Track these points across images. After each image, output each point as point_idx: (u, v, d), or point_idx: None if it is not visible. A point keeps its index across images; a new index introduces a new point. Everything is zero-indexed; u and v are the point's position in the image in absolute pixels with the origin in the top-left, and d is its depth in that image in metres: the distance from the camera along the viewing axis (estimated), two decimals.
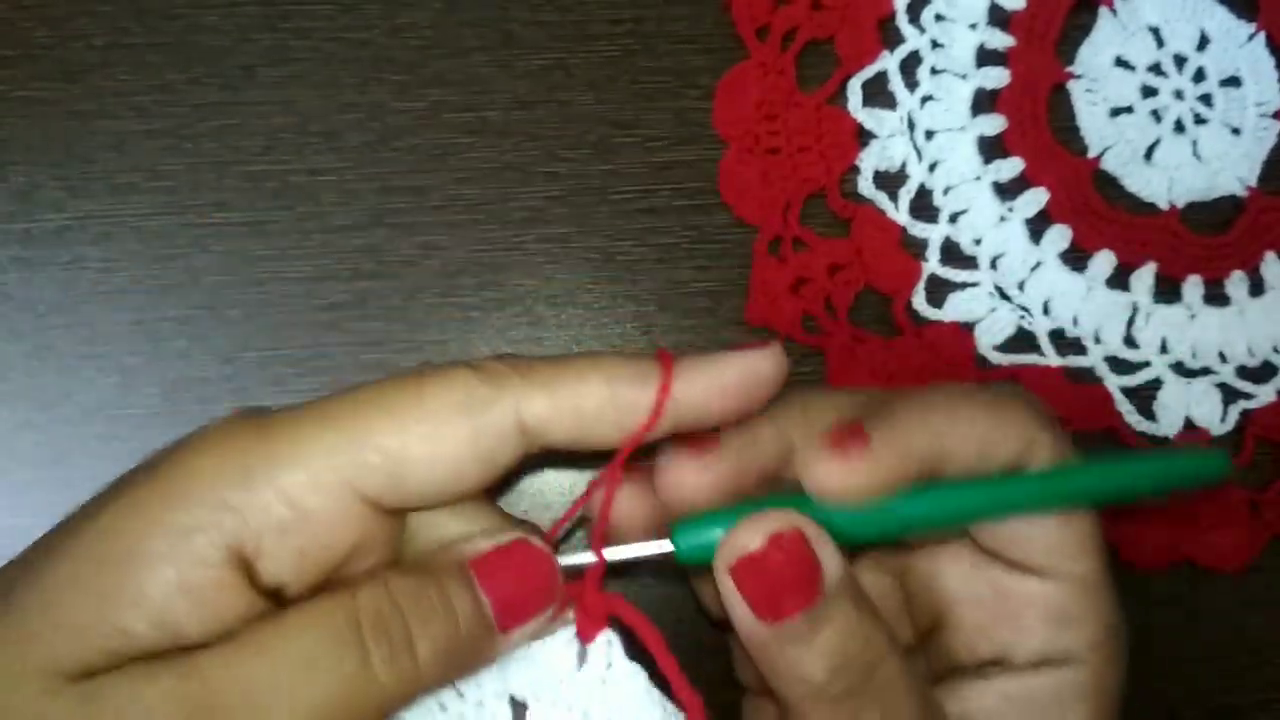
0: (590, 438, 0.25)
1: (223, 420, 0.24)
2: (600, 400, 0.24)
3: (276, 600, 0.23)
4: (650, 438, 0.26)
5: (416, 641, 0.22)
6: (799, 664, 0.25)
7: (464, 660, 0.24)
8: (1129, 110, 0.38)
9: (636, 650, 0.26)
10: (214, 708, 0.21)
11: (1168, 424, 0.37)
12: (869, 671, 0.25)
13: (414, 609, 0.22)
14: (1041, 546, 0.28)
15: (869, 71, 0.38)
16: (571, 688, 0.25)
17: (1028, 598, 0.28)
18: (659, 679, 0.26)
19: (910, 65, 0.38)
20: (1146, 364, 0.38)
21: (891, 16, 0.38)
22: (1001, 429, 0.27)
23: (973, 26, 0.38)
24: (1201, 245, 0.38)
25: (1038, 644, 0.28)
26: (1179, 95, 0.39)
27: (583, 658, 0.26)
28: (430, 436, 0.23)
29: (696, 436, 0.26)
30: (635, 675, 0.25)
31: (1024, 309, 0.38)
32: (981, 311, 0.37)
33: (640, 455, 0.26)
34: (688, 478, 0.26)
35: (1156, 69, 0.39)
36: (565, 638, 0.26)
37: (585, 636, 0.26)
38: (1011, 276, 0.38)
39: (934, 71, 0.38)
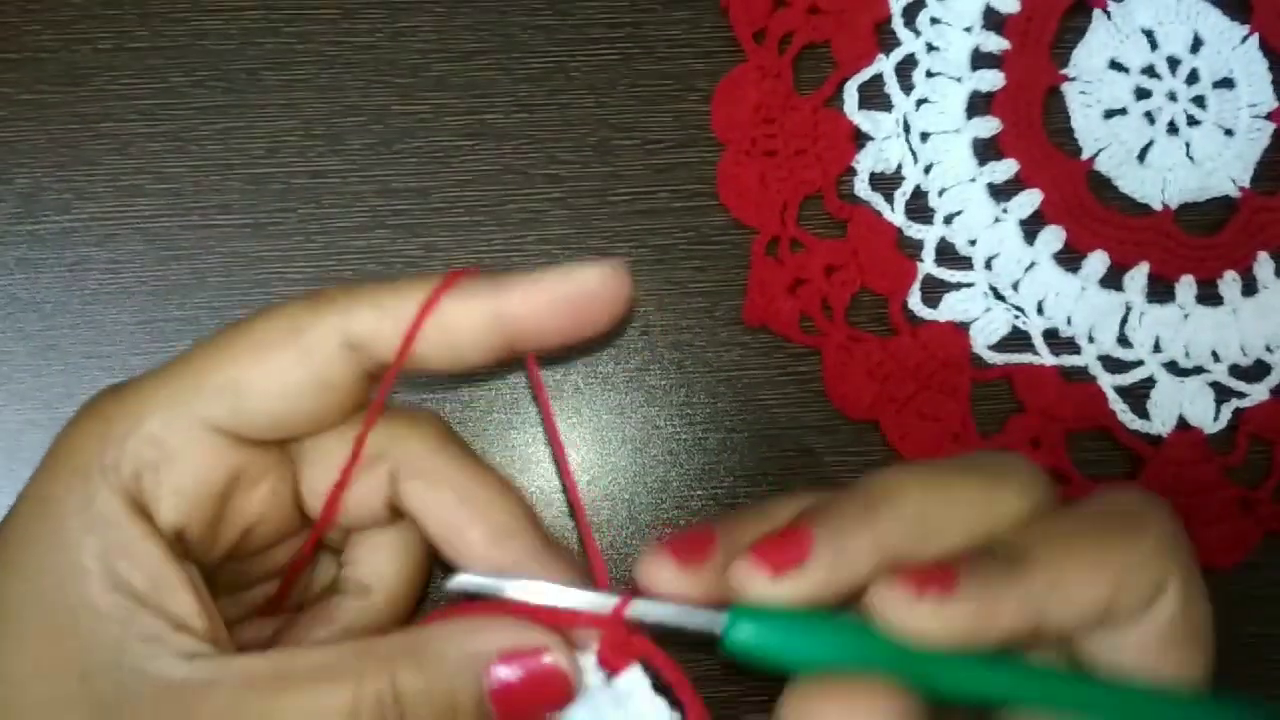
0: (418, 355, 0.25)
1: (87, 401, 0.25)
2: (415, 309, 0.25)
3: (184, 548, 0.24)
4: (470, 357, 0.25)
5: None
6: None
7: None
8: (1123, 112, 0.39)
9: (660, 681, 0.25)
10: None
11: (1161, 423, 0.38)
12: None
13: (414, 709, 0.23)
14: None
15: (865, 74, 0.38)
16: (593, 704, 0.25)
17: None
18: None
19: (906, 68, 0.39)
20: (1140, 363, 0.38)
21: (887, 20, 0.38)
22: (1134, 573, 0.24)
23: (967, 30, 0.39)
24: (1195, 245, 0.38)
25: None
26: (1172, 97, 0.39)
27: (608, 680, 0.25)
28: (260, 362, 0.24)
29: (780, 545, 0.23)
30: (657, 705, 0.25)
31: (1018, 309, 0.38)
32: (976, 311, 0.38)
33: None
34: (758, 590, 0.22)
35: (1150, 71, 0.39)
36: (590, 663, 0.25)
37: (612, 668, 0.25)
38: (1006, 277, 0.38)
39: (929, 74, 0.38)
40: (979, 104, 0.39)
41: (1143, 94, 0.39)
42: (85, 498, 0.23)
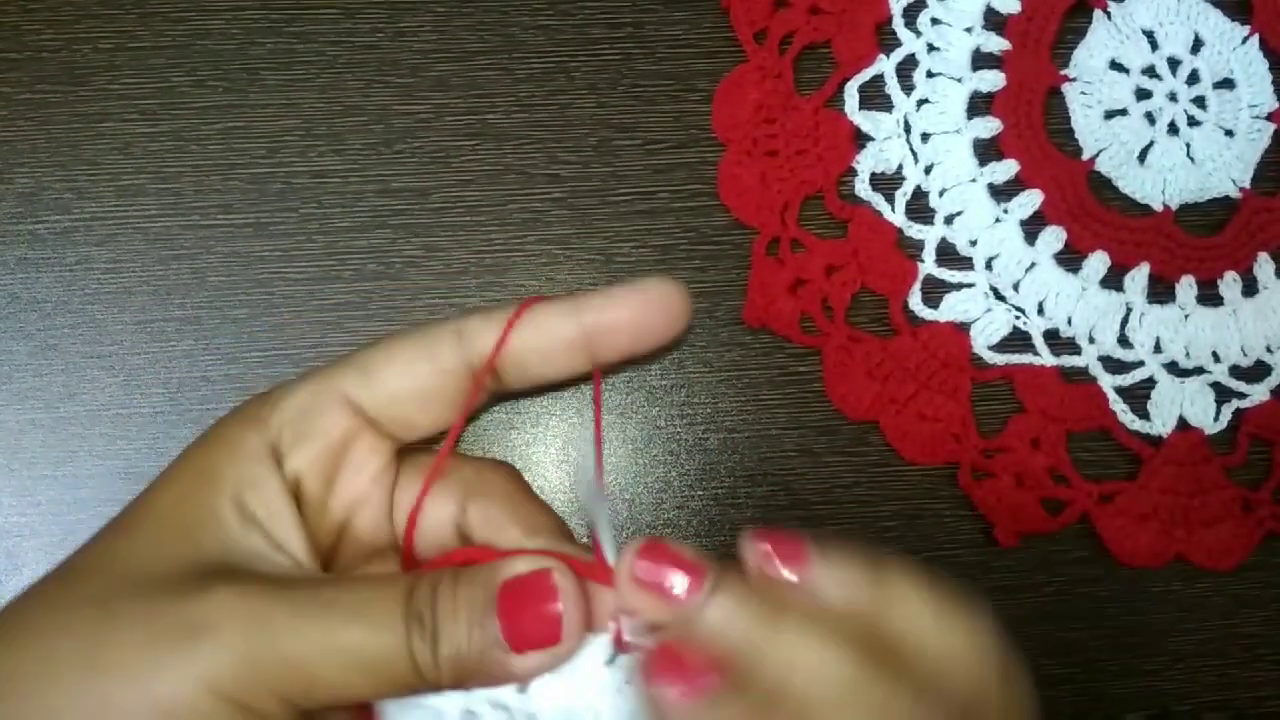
0: (516, 358, 0.29)
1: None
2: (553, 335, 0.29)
3: (297, 494, 0.28)
4: (558, 363, 0.29)
5: (440, 637, 0.25)
6: None
7: (477, 667, 0.26)
8: (1123, 113, 0.39)
9: None
10: (276, 627, 0.25)
11: (1161, 423, 0.38)
12: None
13: (443, 605, 0.26)
14: None
15: (866, 75, 0.38)
16: (588, 679, 0.26)
17: None
18: None
19: (906, 69, 0.39)
20: (1140, 364, 0.38)
21: (888, 20, 0.38)
22: None
23: (968, 30, 0.39)
24: (1195, 246, 0.38)
25: None
26: (1173, 98, 0.39)
27: (612, 660, 0.26)
28: (392, 348, 0.29)
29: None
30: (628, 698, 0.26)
31: (1019, 309, 0.38)
32: (977, 312, 0.38)
33: None
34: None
35: (1150, 72, 0.39)
36: (602, 639, 0.26)
37: (622, 646, 0.26)
38: (1006, 277, 0.38)
39: (930, 75, 0.38)
40: (979, 104, 0.39)
41: (1143, 94, 0.39)
42: (240, 440, 0.28)
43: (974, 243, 0.38)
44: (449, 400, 0.29)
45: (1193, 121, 0.39)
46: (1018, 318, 0.38)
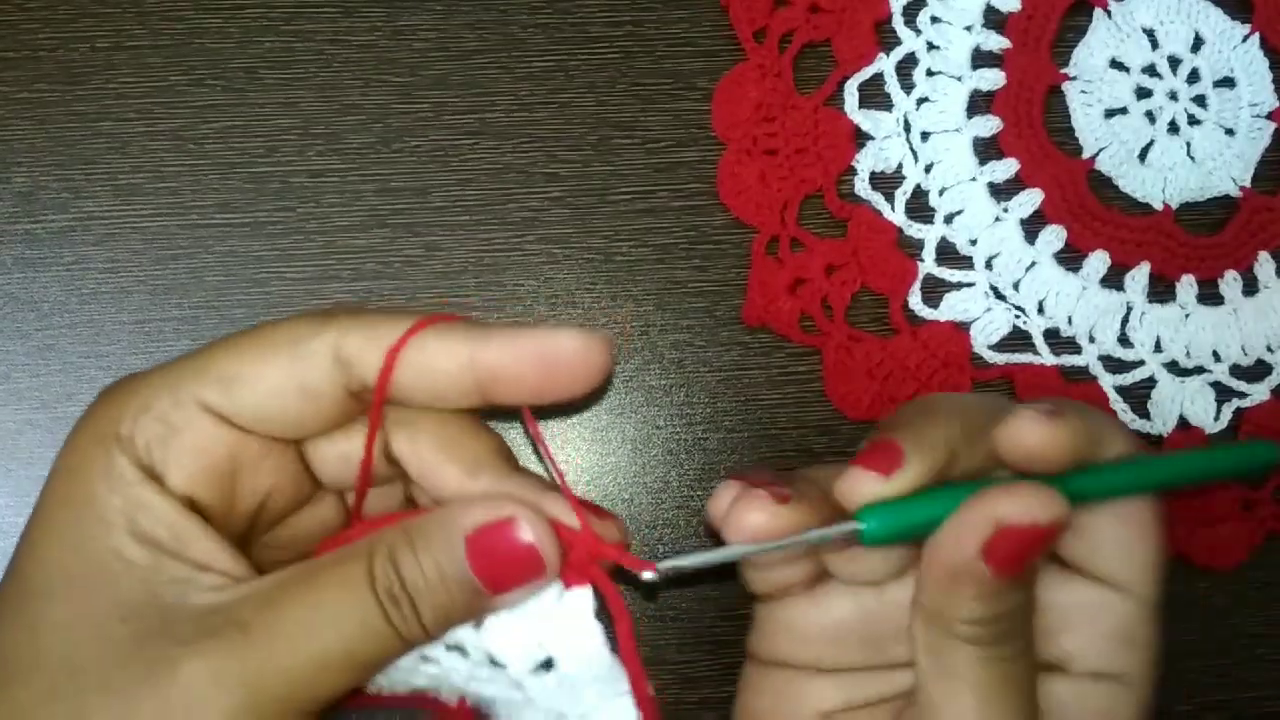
0: (400, 385, 0.27)
1: (108, 385, 0.28)
2: (405, 345, 0.27)
3: (195, 509, 0.26)
4: (447, 396, 0.27)
5: (419, 608, 0.25)
6: (985, 609, 0.27)
7: (461, 617, 0.26)
8: (1123, 111, 0.39)
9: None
10: (262, 675, 0.24)
11: (1162, 423, 0.38)
12: (1020, 628, 0.28)
13: (411, 578, 0.25)
14: (1123, 561, 0.29)
15: (865, 73, 0.38)
16: (537, 616, 0.27)
17: (1100, 609, 0.29)
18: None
19: (906, 67, 0.38)
20: (1141, 363, 0.38)
21: (888, 19, 0.38)
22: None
23: (968, 29, 0.39)
24: (1195, 245, 0.38)
25: (1100, 657, 0.29)
26: (1173, 96, 0.39)
27: (559, 596, 0.27)
28: (257, 362, 0.27)
29: (878, 454, 0.28)
30: (594, 630, 0.27)
31: (1019, 309, 0.38)
32: (977, 311, 0.38)
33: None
34: (875, 490, 0.27)
35: (1151, 70, 0.39)
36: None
37: (567, 582, 0.27)
38: (1007, 276, 0.38)
39: (930, 73, 0.38)
40: (979, 103, 0.38)
41: (1143, 93, 0.39)
42: (107, 464, 0.26)
43: (974, 242, 0.38)
44: (321, 416, 0.27)
45: (1193, 120, 0.39)
46: (1018, 317, 0.38)
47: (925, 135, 0.38)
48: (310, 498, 0.29)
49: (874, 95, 0.38)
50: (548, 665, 0.27)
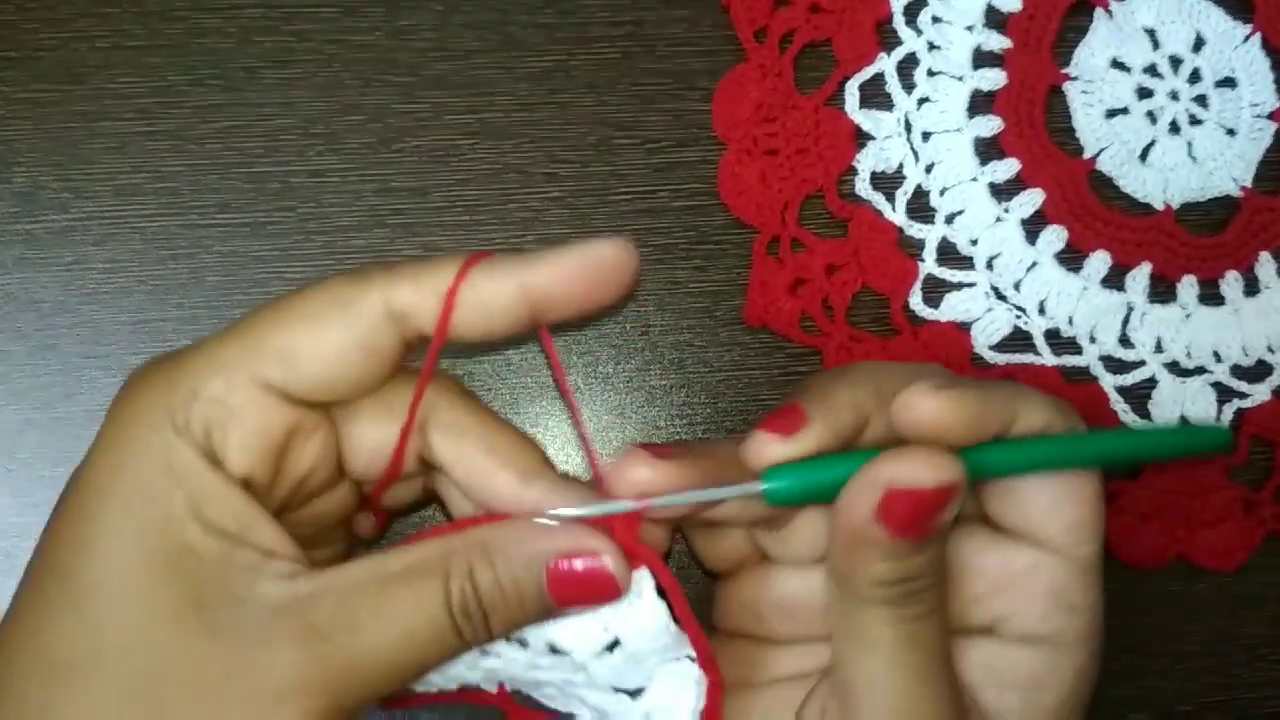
0: (455, 325, 0.28)
1: (139, 370, 0.28)
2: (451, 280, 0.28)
3: (251, 489, 0.27)
4: (499, 327, 0.28)
5: (490, 621, 0.27)
6: (887, 571, 0.27)
7: (528, 626, 0.28)
8: (1124, 111, 0.39)
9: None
10: (340, 680, 0.25)
11: (1163, 423, 0.37)
12: (927, 590, 0.28)
13: (489, 599, 0.26)
14: (1055, 522, 0.29)
15: (866, 73, 0.38)
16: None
17: (1032, 571, 0.29)
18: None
19: (907, 67, 0.38)
20: (1142, 363, 0.38)
21: (888, 19, 0.38)
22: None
23: (969, 28, 0.38)
24: (1196, 245, 0.38)
25: (1033, 620, 0.29)
26: (1174, 96, 0.39)
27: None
28: (311, 330, 0.27)
29: (780, 417, 0.28)
30: (658, 606, 0.28)
31: (1020, 309, 0.38)
32: (978, 311, 0.38)
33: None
34: (776, 452, 0.28)
35: (1152, 70, 0.39)
36: None
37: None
38: (1008, 277, 0.38)
39: (931, 73, 0.38)
40: (980, 103, 0.38)
41: (1144, 93, 0.39)
42: (166, 454, 0.26)
43: (975, 242, 0.38)
44: (379, 371, 0.28)
45: (1194, 120, 0.39)
46: (1019, 317, 0.38)
47: (926, 135, 0.38)
48: (334, 484, 0.30)
49: (875, 95, 0.38)
50: (613, 646, 0.28)
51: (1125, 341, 0.38)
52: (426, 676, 0.28)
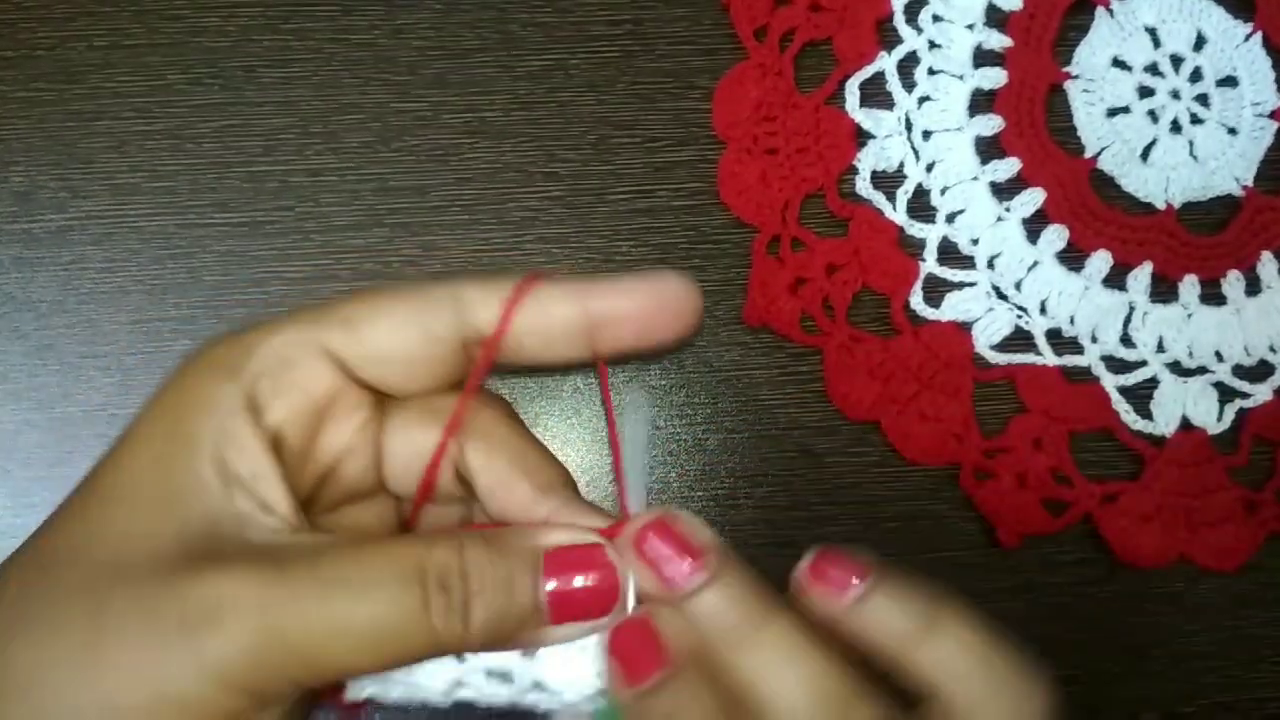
0: (514, 338, 0.27)
1: (225, 331, 0.28)
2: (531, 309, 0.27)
3: (280, 448, 0.27)
4: (558, 348, 0.28)
5: (472, 606, 0.25)
6: None
7: (510, 636, 0.26)
8: (1126, 110, 0.39)
9: None
10: (282, 613, 0.24)
11: (1164, 423, 0.37)
12: None
13: (477, 576, 0.25)
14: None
15: (867, 72, 0.38)
16: (597, 644, 0.26)
17: None
18: None
19: (908, 66, 0.38)
20: (1143, 363, 0.38)
21: (889, 17, 0.38)
22: None
23: (970, 27, 0.38)
24: (1198, 245, 0.38)
25: None
26: (1176, 95, 0.39)
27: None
28: (380, 308, 0.27)
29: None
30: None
31: (1021, 308, 0.38)
32: (979, 311, 0.38)
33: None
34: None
35: (1153, 69, 0.39)
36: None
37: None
38: (1009, 276, 0.38)
39: (931, 72, 0.38)
40: (981, 102, 0.38)
41: (1146, 92, 0.39)
42: (214, 390, 0.26)
43: (976, 241, 0.38)
44: (435, 367, 0.28)
45: (1195, 119, 0.39)
46: (1020, 317, 0.38)
47: (927, 134, 0.38)
48: (373, 493, 0.30)
49: (875, 94, 0.38)
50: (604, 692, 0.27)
51: (1127, 341, 0.38)
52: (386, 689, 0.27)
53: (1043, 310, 0.38)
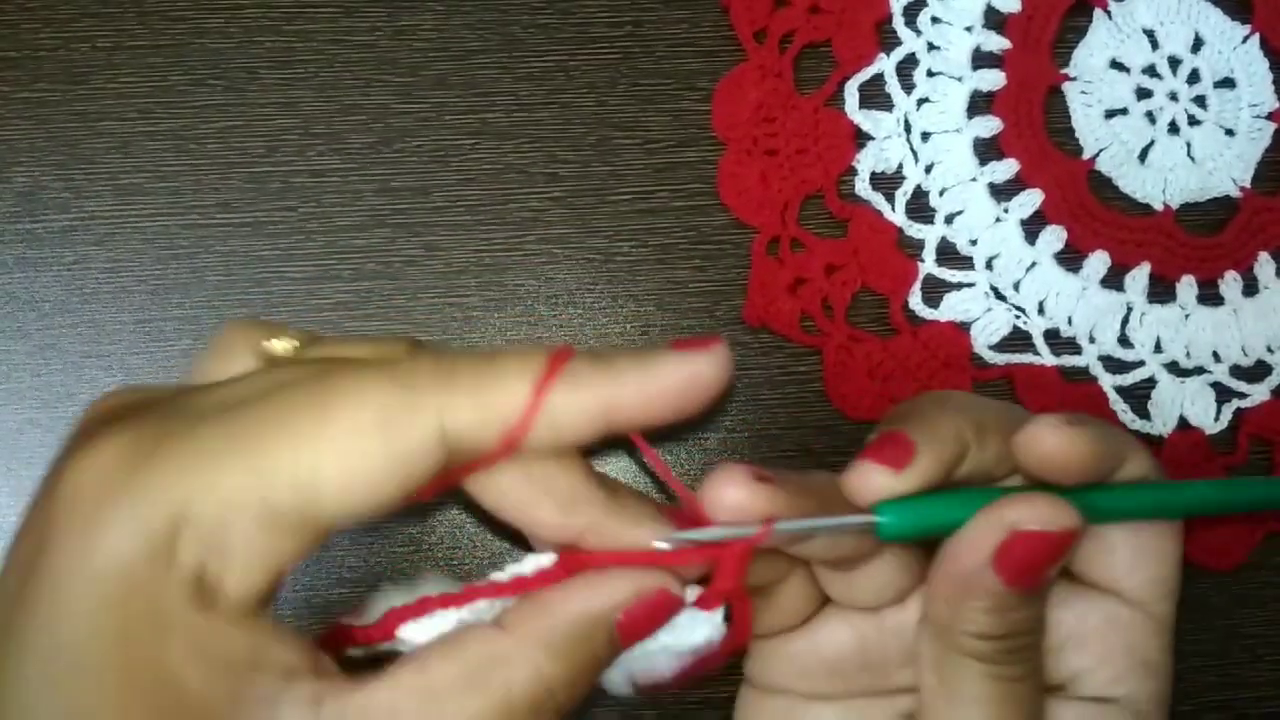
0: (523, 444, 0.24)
1: (98, 447, 0.22)
2: (522, 405, 0.24)
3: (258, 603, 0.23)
4: (567, 443, 0.25)
5: (562, 707, 0.24)
6: (992, 624, 0.26)
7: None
8: (1123, 112, 0.39)
9: None
10: None
11: (1162, 423, 0.37)
12: (1029, 649, 0.27)
13: (569, 696, 0.24)
14: (1138, 575, 0.29)
15: (866, 74, 0.38)
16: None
17: (1109, 626, 0.29)
18: None
19: (907, 67, 0.38)
20: (1141, 363, 0.38)
21: (888, 19, 0.38)
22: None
23: (968, 29, 0.39)
24: (1195, 246, 0.38)
25: (1108, 678, 0.28)
26: (1173, 97, 0.39)
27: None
28: (345, 454, 0.22)
29: (888, 447, 0.26)
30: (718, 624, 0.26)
31: (1019, 309, 0.38)
32: (977, 311, 0.38)
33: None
34: (885, 485, 0.26)
35: (1151, 71, 0.39)
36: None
37: (704, 605, 0.26)
38: (1007, 277, 0.38)
39: (930, 74, 0.38)
40: (980, 103, 0.38)
41: (1144, 94, 0.39)
42: (152, 597, 0.21)
43: (974, 242, 0.38)
44: (412, 491, 0.24)
45: (1193, 121, 0.39)
46: (1018, 317, 0.38)
47: (926, 136, 0.38)
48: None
49: (874, 95, 0.38)
50: None
51: (1124, 341, 0.38)
52: None
53: (1041, 310, 0.38)
